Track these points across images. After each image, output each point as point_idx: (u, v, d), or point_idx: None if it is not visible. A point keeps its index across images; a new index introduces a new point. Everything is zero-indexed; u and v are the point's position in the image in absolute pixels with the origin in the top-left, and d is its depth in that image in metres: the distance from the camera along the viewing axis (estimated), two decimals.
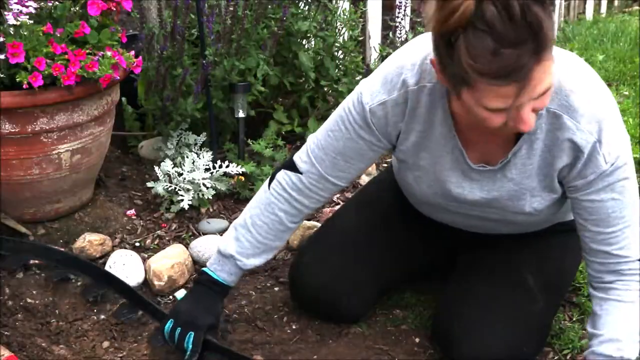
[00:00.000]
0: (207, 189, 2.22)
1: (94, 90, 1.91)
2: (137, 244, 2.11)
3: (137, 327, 1.82)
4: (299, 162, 1.61)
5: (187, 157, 2.27)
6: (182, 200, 2.19)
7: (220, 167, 2.27)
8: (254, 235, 1.65)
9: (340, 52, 2.74)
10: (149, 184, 2.24)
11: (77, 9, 1.96)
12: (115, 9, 2.01)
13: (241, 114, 2.40)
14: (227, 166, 2.28)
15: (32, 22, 1.86)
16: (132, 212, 2.22)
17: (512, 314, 1.61)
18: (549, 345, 1.74)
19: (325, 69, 2.65)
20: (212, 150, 2.37)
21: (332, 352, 1.73)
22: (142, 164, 2.50)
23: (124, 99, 2.55)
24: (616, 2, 6.32)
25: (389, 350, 1.75)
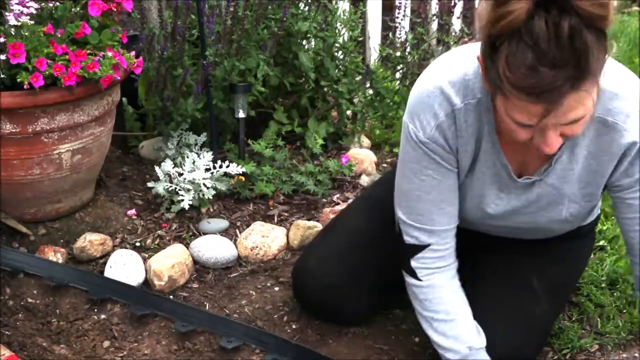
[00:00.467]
0: (208, 189, 2.23)
1: (94, 90, 1.91)
2: (138, 244, 2.11)
3: (138, 327, 1.83)
4: (416, 241, 1.53)
5: (188, 157, 2.27)
6: (182, 200, 2.19)
7: (220, 167, 2.28)
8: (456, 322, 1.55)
9: (340, 52, 2.74)
10: (150, 184, 2.25)
11: (78, 9, 1.97)
12: (115, 10, 2.01)
13: (241, 114, 2.40)
14: (227, 166, 2.28)
15: (33, 22, 1.87)
16: (132, 212, 2.22)
17: (514, 315, 1.60)
18: (548, 345, 1.75)
19: (325, 69, 2.65)
20: (213, 150, 2.37)
21: (332, 352, 1.73)
22: (142, 164, 2.51)
23: (124, 99, 2.56)
24: (615, 3, 6.32)
25: (389, 350, 1.76)
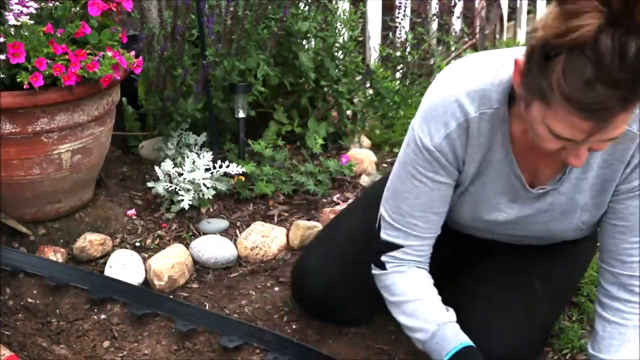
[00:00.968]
0: (208, 189, 2.23)
1: (94, 90, 1.91)
2: (138, 244, 2.11)
3: (138, 327, 1.83)
4: (390, 239, 1.52)
5: (188, 157, 2.27)
6: (182, 200, 2.19)
7: (220, 167, 2.28)
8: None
9: (340, 52, 2.73)
10: (150, 184, 2.25)
11: (78, 9, 1.97)
12: (115, 10, 2.01)
13: (241, 114, 2.40)
14: (227, 166, 2.28)
15: (32, 22, 1.86)
16: (132, 212, 2.22)
17: (515, 315, 1.60)
18: (548, 345, 1.75)
19: (325, 69, 2.65)
20: (213, 150, 2.37)
21: (332, 352, 1.72)
22: (142, 164, 2.51)
23: (124, 99, 2.56)
24: None
25: (389, 350, 1.75)
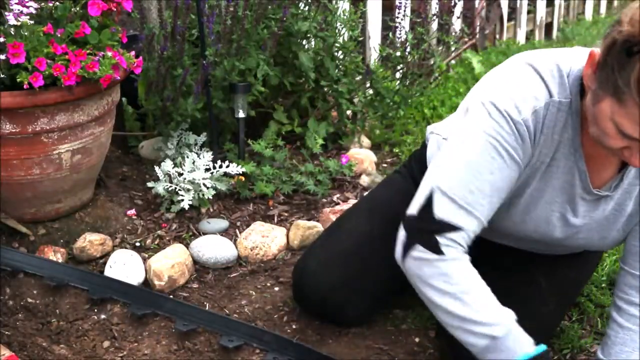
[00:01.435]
0: (208, 189, 2.23)
1: (94, 90, 1.91)
2: (138, 244, 2.11)
3: (138, 327, 1.83)
4: (448, 218, 1.34)
5: (188, 157, 2.27)
6: (182, 200, 2.19)
7: (220, 167, 2.28)
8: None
9: (340, 52, 2.74)
10: (150, 184, 2.25)
11: (78, 9, 1.97)
12: (115, 10, 2.01)
13: (241, 114, 2.40)
14: (227, 166, 2.28)
15: (32, 22, 1.86)
16: (132, 212, 2.22)
17: (519, 313, 1.59)
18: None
19: (325, 69, 2.65)
20: (213, 150, 2.37)
21: (332, 352, 1.72)
22: (142, 164, 2.51)
23: (124, 99, 2.56)
24: (615, 3, 6.32)
25: (389, 350, 1.75)
